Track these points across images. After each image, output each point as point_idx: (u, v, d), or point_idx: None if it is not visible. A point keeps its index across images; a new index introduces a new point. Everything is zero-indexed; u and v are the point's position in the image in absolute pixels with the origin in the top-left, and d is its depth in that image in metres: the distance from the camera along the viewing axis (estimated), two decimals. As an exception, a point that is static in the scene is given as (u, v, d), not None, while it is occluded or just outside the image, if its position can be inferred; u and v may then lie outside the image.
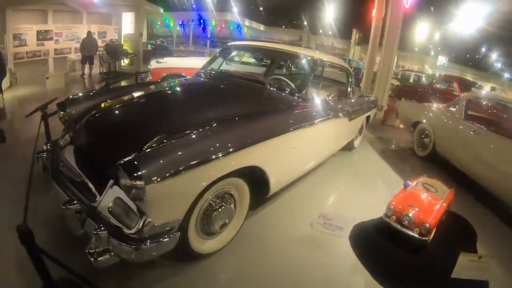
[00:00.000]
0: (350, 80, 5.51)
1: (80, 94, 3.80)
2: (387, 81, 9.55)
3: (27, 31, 12.14)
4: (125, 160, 2.23)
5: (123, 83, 9.71)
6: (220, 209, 2.86)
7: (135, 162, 2.16)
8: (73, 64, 14.04)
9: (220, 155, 2.54)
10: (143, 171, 2.11)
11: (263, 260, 3.10)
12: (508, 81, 42.95)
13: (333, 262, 3.24)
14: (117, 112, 3.35)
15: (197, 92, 4.16)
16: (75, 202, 2.50)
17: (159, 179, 2.16)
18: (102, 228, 2.23)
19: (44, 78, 10.56)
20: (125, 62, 14.41)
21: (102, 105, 3.47)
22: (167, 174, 2.20)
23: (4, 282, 2.50)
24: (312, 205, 4.23)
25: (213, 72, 4.73)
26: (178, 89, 4.24)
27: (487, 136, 5.23)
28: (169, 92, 4.11)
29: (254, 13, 38.71)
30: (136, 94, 3.83)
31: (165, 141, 2.40)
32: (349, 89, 5.46)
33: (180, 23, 30.88)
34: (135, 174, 2.11)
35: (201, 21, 28.83)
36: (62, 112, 3.48)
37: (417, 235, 3.38)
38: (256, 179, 3.21)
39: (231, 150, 2.64)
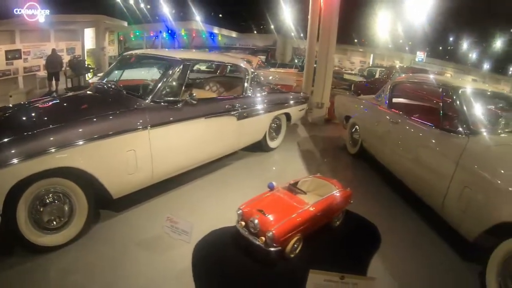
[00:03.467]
0: (247, 77, 5.06)
1: None
2: (325, 76, 8.64)
3: (-5, 52, 12.25)
4: None
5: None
6: (47, 206, 2.92)
7: None
8: (43, 81, 13.78)
9: (22, 158, 2.63)
10: None
11: (105, 257, 2.99)
12: (489, 72, 42.17)
13: (163, 268, 2.89)
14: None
15: (63, 102, 4.09)
16: None
17: None
18: None
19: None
20: (89, 76, 14.05)
21: None
22: None
23: None
24: (177, 208, 3.78)
25: (101, 83, 4.54)
26: (53, 100, 4.12)
27: (406, 125, 4.56)
28: (45, 103, 3.96)
29: (223, 20, 38.56)
30: (20, 106, 3.85)
31: None
32: (245, 85, 5.01)
33: (151, 34, 30.57)
34: None
35: (169, 31, 28.74)
36: None
37: (261, 244, 2.75)
38: (87, 182, 3.12)
39: (33, 153, 2.69)
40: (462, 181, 3.31)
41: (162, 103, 3.77)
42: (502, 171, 2.99)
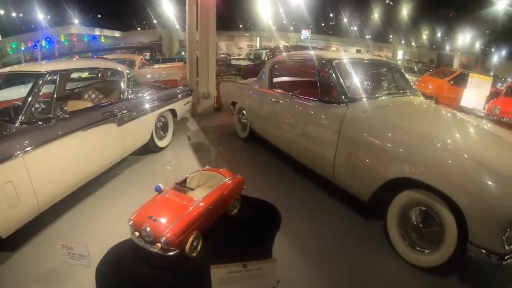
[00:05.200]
0: (123, 79, 4.92)
1: None
2: (209, 65, 8.61)
3: None
4: None
5: None
6: None
7: None
8: None
9: None
10: None
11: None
12: (372, 42, 45.93)
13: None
14: None
15: None
16: None
17: None
18: None
19: None
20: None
21: None
22: None
23: None
24: (71, 233, 3.58)
25: None
26: None
27: (290, 103, 4.76)
28: None
29: (103, 21, 37.67)
30: None
31: None
32: (122, 88, 4.88)
33: (30, 45, 28.42)
34: None
35: (48, 39, 27.14)
36: None
37: (159, 251, 2.71)
38: None
39: None
40: (346, 147, 3.54)
41: (33, 124, 3.46)
42: (382, 132, 3.24)
